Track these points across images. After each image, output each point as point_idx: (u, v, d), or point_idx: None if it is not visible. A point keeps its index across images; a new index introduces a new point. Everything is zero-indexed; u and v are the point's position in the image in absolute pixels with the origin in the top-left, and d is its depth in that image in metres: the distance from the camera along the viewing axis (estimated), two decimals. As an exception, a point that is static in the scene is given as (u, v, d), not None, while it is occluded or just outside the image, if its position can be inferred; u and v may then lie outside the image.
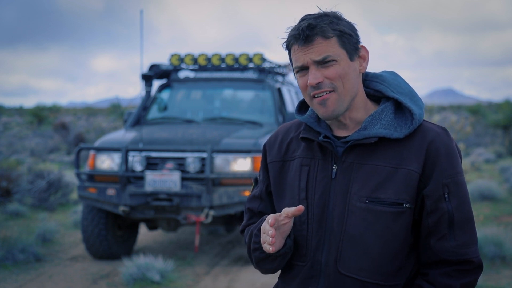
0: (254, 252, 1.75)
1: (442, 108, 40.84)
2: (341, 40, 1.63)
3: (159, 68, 7.12)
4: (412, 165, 1.62)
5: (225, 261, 6.30)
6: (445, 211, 1.62)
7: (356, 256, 1.63)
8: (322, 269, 1.67)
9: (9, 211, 8.48)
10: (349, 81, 1.64)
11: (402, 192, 1.62)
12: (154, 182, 5.71)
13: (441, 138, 1.65)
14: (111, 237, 6.16)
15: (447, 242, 1.63)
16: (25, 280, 5.56)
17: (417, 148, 1.63)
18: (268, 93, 6.97)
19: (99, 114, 43.91)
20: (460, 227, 1.63)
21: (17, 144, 19.27)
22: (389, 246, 1.63)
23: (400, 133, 1.65)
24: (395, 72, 1.79)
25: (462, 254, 1.63)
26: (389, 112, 1.69)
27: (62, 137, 21.20)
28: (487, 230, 6.10)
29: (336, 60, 1.62)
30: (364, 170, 1.65)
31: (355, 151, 1.67)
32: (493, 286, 5.15)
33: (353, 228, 1.64)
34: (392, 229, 1.63)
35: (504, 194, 9.84)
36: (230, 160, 5.78)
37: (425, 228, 1.65)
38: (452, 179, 1.63)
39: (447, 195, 1.62)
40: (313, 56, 1.62)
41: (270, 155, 1.83)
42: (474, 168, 12.87)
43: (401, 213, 1.62)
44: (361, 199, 1.63)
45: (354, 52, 1.66)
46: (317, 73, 1.63)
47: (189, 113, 7.22)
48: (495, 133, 22.72)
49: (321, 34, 1.61)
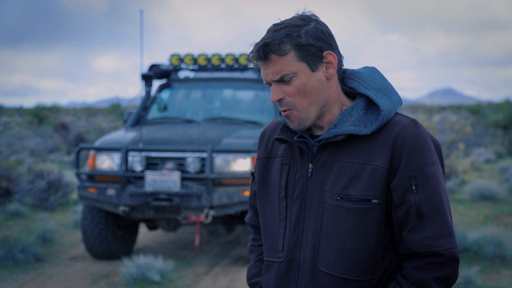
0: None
1: (442, 108, 40.84)
2: (300, 53, 1.63)
3: (159, 68, 7.12)
4: (379, 161, 1.63)
5: (225, 261, 6.30)
6: (412, 203, 1.62)
7: (331, 253, 1.66)
8: (301, 265, 1.70)
9: (9, 211, 8.48)
10: (311, 93, 1.66)
11: (369, 188, 1.63)
12: (154, 182, 5.71)
13: (407, 131, 1.64)
14: (111, 237, 6.16)
15: (417, 234, 1.62)
16: (25, 280, 5.56)
17: (384, 143, 1.64)
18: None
19: (99, 114, 43.92)
20: (429, 219, 1.62)
21: (17, 144, 19.26)
22: (361, 242, 1.64)
23: (368, 129, 1.65)
24: (375, 67, 1.79)
25: (430, 245, 1.61)
26: (360, 109, 1.70)
27: (62, 137, 21.20)
28: (487, 230, 6.10)
29: (295, 75, 1.64)
30: (336, 167, 1.67)
31: (327, 149, 1.69)
32: (493, 286, 5.15)
33: (327, 226, 1.67)
34: (362, 225, 1.64)
35: (504, 194, 9.84)
36: (230, 160, 5.78)
37: (397, 221, 1.65)
38: (419, 170, 1.62)
39: (414, 187, 1.61)
40: (270, 76, 1.66)
41: (258, 152, 1.88)
42: (474, 168, 12.87)
43: (370, 209, 1.63)
44: (333, 196, 1.66)
45: (317, 61, 1.65)
46: (278, 90, 1.67)
47: (189, 113, 7.22)
48: (495, 133, 22.72)
49: (276, 52, 1.63)
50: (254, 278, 1.89)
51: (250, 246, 1.97)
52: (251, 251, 1.96)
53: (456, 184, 10.88)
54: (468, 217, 8.16)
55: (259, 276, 1.87)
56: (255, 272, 1.89)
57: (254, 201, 1.93)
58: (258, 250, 1.93)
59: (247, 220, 1.99)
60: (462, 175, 11.72)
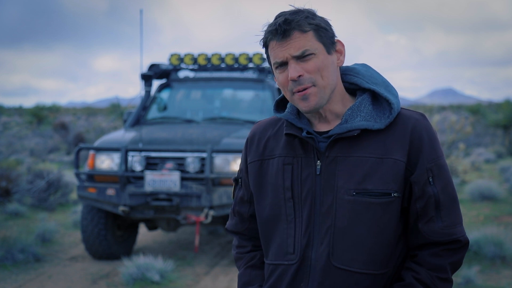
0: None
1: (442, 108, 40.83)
2: (318, 34, 1.65)
3: (159, 68, 7.11)
4: (397, 154, 1.65)
5: (225, 261, 6.30)
6: (431, 194, 1.66)
7: (349, 249, 1.65)
8: (313, 264, 1.68)
9: (9, 211, 8.47)
10: (328, 73, 1.67)
11: (390, 181, 1.64)
12: (154, 182, 5.70)
13: (421, 124, 1.68)
14: (110, 237, 6.15)
15: (435, 224, 1.67)
16: (24, 280, 5.55)
17: (400, 137, 1.67)
18: (268, 93, 6.96)
19: (98, 114, 43.91)
20: (446, 208, 1.68)
21: (17, 144, 19.25)
22: (381, 235, 1.66)
23: (380, 124, 1.67)
24: (366, 64, 1.82)
25: (449, 234, 1.67)
26: (367, 104, 1.71)
27: (61, 137, 21.20)
28: (487, 230, 6.09)
29: (314, 53, 1.65)
30: (349, 163, 1.67)
31: (338, 145, 1.69)
32: (493, 286, 5.14)
33: (343, 222, 1.66)
34: (382, 219, 1.65)
35: (504, 194, 9.84)
36: (230, 160, 5.77)
37: (414, 213, 1.68)
38: (435, 162, 1.67)
39: (431, 179, 1.66)
40: (291, 51, 1.64)
41: (249, 156, 1.84)
42: (474, 168, 12.87)
43: (390, 202, 1.65)
44: (349, 192, 1.65)
45: (331, 46, 1.69)
46: (297, 67, 1.64)
47: (189, 113, 7.21)
48: (495, 133, 22.72)
49: (298, 28, 1.63)
50: (246, 286, 1.85)
51: (236, 254, 1.92)
52: (238, 258, 1.91)
53: (456, 184, 10.87)
54: (468, 217, 8.15)
55: (251, 284, 1.84)
56: (246, 280, 1.85)
57: (240, 208, 1.90)
58: (246, 257, 1.89)
59: (229, 228, 1.94)
60: (462, 175, 11.72)
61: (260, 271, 1.85)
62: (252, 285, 1.84)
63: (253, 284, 1.84)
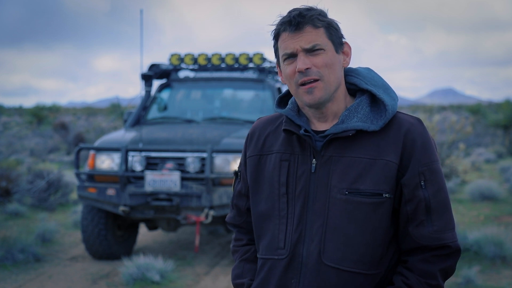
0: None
1: (442, 108, 40.83)
2: (329, 31, 1.70)
3: (159, 68, 7.11)
4: (390, 156, 1.67)
5: (225, 261, 6.30)
6: (421, 198, 1.67)
7: (339, 247, 1.67)
8: (304, 261, 1.70)
9: (9, 211, 8.47)
10: (334, 71, 1.70)
11: (381, 182, 1.66)
12: (154, 182, 5.70)
13: (416, 129, 1.70)
14: (111, 237, 6.15)
15: (425, 228, 1.68)
16: (24, 280, 5.55)
17: (394, 139, 1.69)
18: (268, 93, 6.96)
19: (99, 114, 43.90)
20: (437, 213, 1.68)
21: (17, 144, 19.25)
22: (372, 235, 1.67)
23: (376, 126, 1.70)
24: (370, 67, 1.85)
25: (439, 239, 1.68)
26: (365, 106, 1.74)
27: (61, 137, 21.19)
28: (487, 230, 6.09)
29: (324, 49, 1.68)
30: (343, 162, 1.69)
31: (333, 144, 1.71)
32: (493, 286, 5.14)
33: (335, 220, 1.68)
34: (373, 219, 1.67)
35: (504, 194, 9.84)
36: (230, 160, 5.77)
37: (404, 216, 1.69)
38: (427, 167, 1.68)
39: (423, 182, 1.67)
40: (302, 44, 1.67)
41: (248, 151, 1.87)
42: (474, 168, 12.86)
43: (381, 203, 1.67)
44: (341, 191, 1.67)
45: (339, 46, 1.73)
46: (306, 60, 1.67)
47: (189, 113, 7.21)
48: (496, 133, 22.71)
49: (311, 23, 1.67)
50: (238, 278, 1.88)
51: (233, 247, 1.96)
52: (235, 251, 1.95)
53: (456, 184, 10.88)
54: (469, 217, 8.15)
55: (242, 277, 1.87)
56: (239, 272, 1.89)
57: (238, 201, 1.93)
58: (242, 250, 1.92)
59: (228, 220, 1.98)
60: (463, 175, 11.72)
61: (253, 265, 1.87)
62: (244, 278, 1.86)
63: (244, 277, 1.86)
